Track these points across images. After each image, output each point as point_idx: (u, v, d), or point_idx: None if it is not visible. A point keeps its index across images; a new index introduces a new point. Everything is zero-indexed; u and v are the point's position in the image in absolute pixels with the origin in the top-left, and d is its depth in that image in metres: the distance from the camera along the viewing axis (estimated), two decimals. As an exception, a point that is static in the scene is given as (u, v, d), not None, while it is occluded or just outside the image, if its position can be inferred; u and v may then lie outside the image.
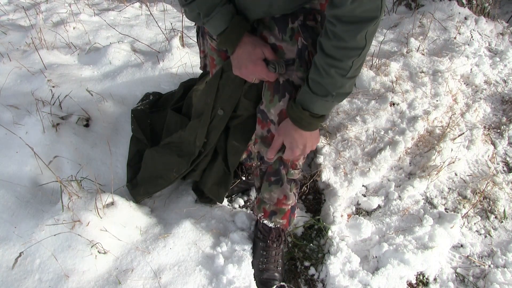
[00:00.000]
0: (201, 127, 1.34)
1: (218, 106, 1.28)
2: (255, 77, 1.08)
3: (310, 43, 1.03)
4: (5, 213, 1.38)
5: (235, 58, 1.07)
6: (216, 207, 1.55)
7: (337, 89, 0.97)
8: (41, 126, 1.58)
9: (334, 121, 1.87)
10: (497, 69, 2.29)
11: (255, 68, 1.04)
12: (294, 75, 1.07)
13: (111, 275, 1.28)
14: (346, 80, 0.96)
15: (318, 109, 1.02)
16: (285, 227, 1.39)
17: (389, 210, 1.56)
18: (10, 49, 2.40)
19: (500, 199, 1.60)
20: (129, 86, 2.03)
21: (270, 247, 1.37)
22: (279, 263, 1.38)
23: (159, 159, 1.49)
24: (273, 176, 1.28)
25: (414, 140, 1.77)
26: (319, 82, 0.97)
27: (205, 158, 1.42)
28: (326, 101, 1.00)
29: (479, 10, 2.77)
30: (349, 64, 0.92)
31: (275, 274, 1.35)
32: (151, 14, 2.71)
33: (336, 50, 0.91)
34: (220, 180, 1.46)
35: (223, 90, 1.25)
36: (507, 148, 1.85)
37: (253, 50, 1.03)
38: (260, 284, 1.34)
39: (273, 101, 1.11)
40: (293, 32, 1.03)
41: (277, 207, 1.33)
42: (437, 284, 1.35)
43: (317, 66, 0.96)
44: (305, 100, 1.01)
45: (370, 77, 2.06)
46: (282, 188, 1.28)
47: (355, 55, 0.91)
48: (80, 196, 1.36)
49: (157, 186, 1.48)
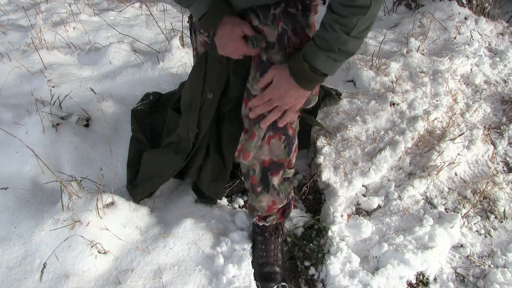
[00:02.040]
0: (192, 117, 1.34)
1: (207, 90, 1.29)
2: (238, 54, 1.13)
3: (290, 29, 1.10)
4: (5, 213, 1.38)
5: (218, 39, 1.12)
6: (216, 207, 1.55)
7: (340, 45, 0.98)
8: (41, 126, 1.58)
9: (334, 121, 1.87)
10: (497, 69, 2.29)
11: (236, 45, 1.10)
12: (274, 58, 1.12)
13: (111, 275, 1.28)
14: (350, 38, 0.97)
15: (320, 64, 1.02)
16: (280, 221, 1.42)
17: (389, 210, 1.56)
18: (10, 49, 2.40)
19: (500, 199, 1.60)
20: (129, 86, 2.03)
21: (268, 240, 1.39)
22: (279, 256, 1.38)
23: (157, 159, 1.49)
24: (258, 186, 1.29)
25: (414, 140, 1.77)
26: (324, 37, 0.99)
27: (199, 151, 1.41)
28: (328, 57, 1.01)
29: (479, 10, 2.77)
30: (353, 21, 0.94)
31: (275, 268, 1.35)
32: (151, 14, 2.71)
33: (341, 8, 0.94)
34: (217, 175, 1.45)
35: (210, 72, 1.26)
36: (507, 148, 1.85)
37: (232, 29, 1.08)
38: (261, 279, 1.34)
39: (256, 78, 1.16)
40: (275, 17, 1.09)
41: (269, 213, 1.37)
42: (437, 284, 1.35)
43: (323, 23, 1.00)
44: (308, 52, 1.03)
45: (370, 77, 2.06)
46: (269, 195, 1.30)
47: (360, 13, 0.93)
48: (80, 196, 1.36)
49: (154, 184, 1.49)
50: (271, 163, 1.25)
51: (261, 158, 1.23)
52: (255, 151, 1.22)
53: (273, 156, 1.24)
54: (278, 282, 1.36)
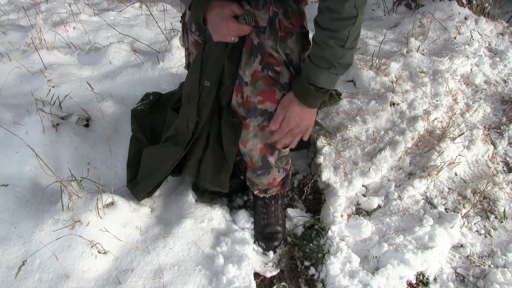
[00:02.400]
0: (191, 106, 1.35)
1: (205, 78, 1.29)
2: (232, 36, 1.13)
3: (282, 12, 1.10)
4: (5, 213, 1.38)
5: (209, 24, 1.12)
6: (216, 207, 1.55)
7: (338, 59, 1.03)
8: (41, 126, 1.58)
9: (334, 121, 1.87)
10: (497, 69, 2.29)
11: (228, 25, 1.09)
12: (265, 44, 1.13)
13: (111, 275, 1.28)
14: (346, 51, 1.02)
15: (323, 82, 1.08)
16: (280, 191, 1.51)
17: (389, 210, 1.56)
18: (10, 49, 2.40)
19: (500, 199, 1.60)
20: (129, 86, 2.03)
21: (269, 205, 1.48)
22: (280, 217, 1.49)
23: (156, 154, 1.49)
24: (258, 170, 1.36)
25: (414, 140, 1.77)
26: (321, 56, 1.04)
27: (198, 141, 1.42)
28: (330, 73, 1.06)
29: (479, 10, 2.77)
30: (345, 34, 0.99)
31: (277, 228, 1.45)
32: (151, 14, 2.71)
33: (331, 22, 0.99)
34: (219, 167, 1.46)
35: (207, 61, 1.27)
36: (507, 148, 1.85)
37: (222, 10, 1.09)
38: (264, 239, 1.44)
39: (249, 63, 1.17)
40: (265, 2, 1.10)
41: (269, 187, 1.44)
42: (437, 284, 1.35)
43: (316, 42, 1.04)
44: (310, 74, 1.08)
45: (370, 77, 2.06)
46: (269, 176, 1.38)
47: (350, 24, 0.98)
48: (80, 196, 1.36)
49: (155, 178, 1.49)
50: (267, 147, 1.30)
51: (258, 146, 1.28)
52: (251, 142, 1.27)
53: (268, 141, 1.28)
54: (280, 241, 1.46)
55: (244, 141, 1.28)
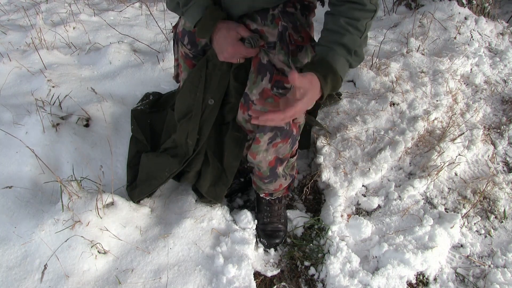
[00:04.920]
0: (192, 123, 1.34)
1: (208, 96, 1.29)
2: (238, 58, 1.13)
3: (291, 26, 1.09)
4: (5, 213, 1.38)
5: (215, 45, 1.13)
6: (216, 207, 1.54)
7: (356, 47, 1.00)
8: (41, 126, 1.58)
9: (334, 121, 1.87)
10: (497, 69, 2.29)
11: (234, 49, 1.10)
12: (275, 59, 1.11)
13: (111, 275, 1.28)
14: (361, 42, 1.01)
15: (340, 67, 0.99)
16: (285, 194, 1.53)
17: (389, 210, 1.56)
18: (10, 49, 2.40)
19: (500, 199, 1.60)
20: (129, 86, 2.03)
21: (273, 204, 1.51)
22: (282, 215, 1.52)
23: (154, 161, 1.50)
24: (265, 179, 1.39)
25: (414, 140, 1.77)
26: (340, 42, 0.99)
27: (197, 156, 1.41)
28: (346, 61, 1.00)
29: (479, 10, 2.77)
30: (364, 24, 1.00)
31: (279, 226, 1.48)
32: (151, 14, 2.71)
33: (354, 11, 0.98)
34: (216, 180, 1.46)
35: (211, 79, 1.27)
36: (507, 148, 1.85)
37: (228, 33, 1.09)
38: (266, 236, 1.46)
39: (256, 82, 1.16)
40: (274, 17, 1.10)
41: (275, 191, 1.47)
42: (437, 284, 1.35)
43: (334, 30, 1.00)
44: (328, 56, 0.98)
45: (370, 77, 2.06)
46: (276, 183, 1.40)
47: (369, 16, 1.00)
48: (80, 196, 1.36)
49: (150, 186, 1.49)
50: (277, 159, 1.31)
51: (267, 159, 1.29)
52: (261, 154, 1.27)
53: (278, 155, 1.30)
54: (282, 238, 1.48)
55: (254, 153, 1.28)
